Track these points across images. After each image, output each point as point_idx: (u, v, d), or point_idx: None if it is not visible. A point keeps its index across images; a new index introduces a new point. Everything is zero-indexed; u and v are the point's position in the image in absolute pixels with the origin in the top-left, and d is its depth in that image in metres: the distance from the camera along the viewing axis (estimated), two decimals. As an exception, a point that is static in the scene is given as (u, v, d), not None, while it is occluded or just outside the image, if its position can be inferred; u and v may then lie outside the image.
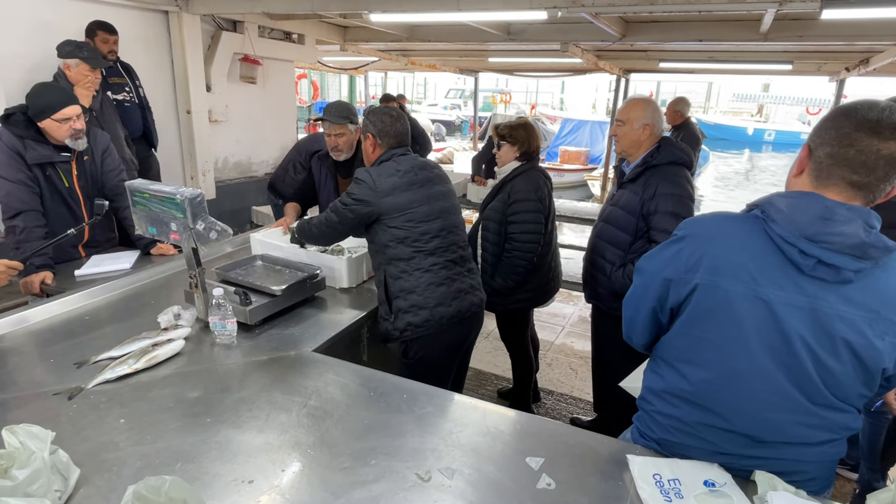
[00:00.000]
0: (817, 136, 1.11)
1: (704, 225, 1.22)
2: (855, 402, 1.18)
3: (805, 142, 1.15)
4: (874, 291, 1.09)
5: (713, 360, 1.20)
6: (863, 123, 1.05)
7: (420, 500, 1.21)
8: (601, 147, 13.80)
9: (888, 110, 1.04)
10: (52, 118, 2.39)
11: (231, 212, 5.29)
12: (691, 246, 1.20)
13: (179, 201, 1.79)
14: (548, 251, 2.79)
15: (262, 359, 1.82)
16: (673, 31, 4.97)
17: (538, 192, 2.64)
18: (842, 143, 1.06)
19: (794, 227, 1.08)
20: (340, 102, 2.94)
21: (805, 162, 1.13)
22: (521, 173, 2.68)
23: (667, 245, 1.27)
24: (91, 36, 3.70)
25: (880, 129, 1.03)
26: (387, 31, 5.94)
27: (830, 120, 1.10)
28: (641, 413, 1.42)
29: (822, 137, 1.10)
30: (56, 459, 1.19)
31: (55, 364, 1.75)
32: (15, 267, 2.08)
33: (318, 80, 21.96)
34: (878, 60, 5.37)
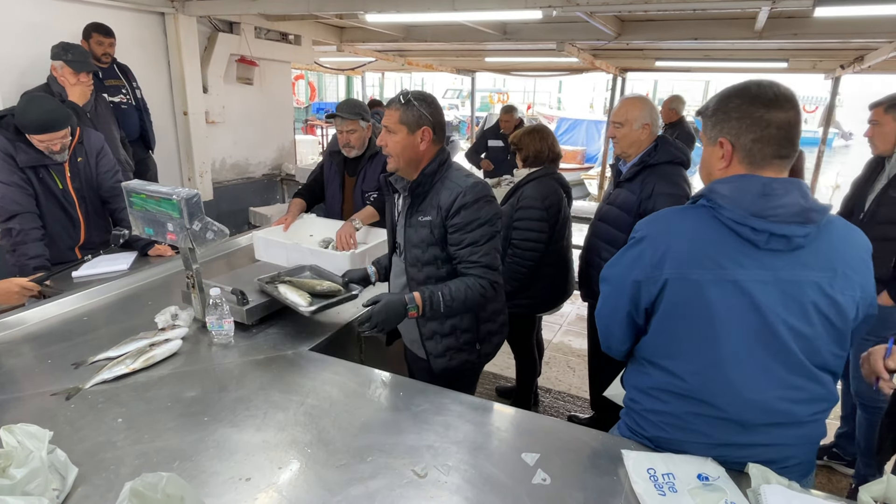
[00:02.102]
0: (731, 129, 1.20)
1: (660, 222, 1.28)
2: (831, 365, 1.24)
3: (718, 139, 1.22)
4: (826, 252, 1.18)
5: (695, 351, 1.24)
6: (768, 104, 1.16)
7: (416, 496, 1.22)
8: (597, 146, 13.84)
9: (773, 86, 1.18)
10: (28, 136, 2.41)
11: (229, 213, 5.29)
12: (653, 244, 1.25)
13: (176, 202, 1.80)
14: (554, 260, 2.75)
15: (260, 358, 1.82)
16: (668, 29, 4.98)
17: (546, 200, 2.61)
18: (762, 127, 1.17)
19: (741, 208, 1.16)
20: (352, 99, 2.98)
21: (730, 155, 1.22)
22: (533, 180, 2.67)
23: (627, 249, 1.30)
24: (87, 38, 3.70)
25: (781, 103, 1.16)
26: (383, 32, 5.94)
27: (736, 111, 1.19)
28: (629, 412, 1.43)
29: (738, 128, 1.19)
30: (54, 458, 1.20)
31: (53, 365, 1.76)
32: (30, 288, 2.11)
33: (316, 81, 21.94)
34: (872, 58, 5.39)
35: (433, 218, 1.80)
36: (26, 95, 2.58)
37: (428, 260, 1.85)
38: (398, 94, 1.80)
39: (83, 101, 3.26)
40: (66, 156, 2.54)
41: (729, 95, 1.23)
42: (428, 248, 1.83)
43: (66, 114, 2.48)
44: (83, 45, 3.70)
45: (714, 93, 1.34)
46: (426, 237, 1.82)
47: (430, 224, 1.81)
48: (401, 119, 1.77)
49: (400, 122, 1.77)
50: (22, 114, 2.38)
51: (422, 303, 1.71)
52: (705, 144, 1.28)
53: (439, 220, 1.79)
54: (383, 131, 1.80)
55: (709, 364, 1.22)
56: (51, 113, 2.41)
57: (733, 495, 1.17)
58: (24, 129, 2.39)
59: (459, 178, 1.82)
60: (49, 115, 2.40)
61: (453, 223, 1.77)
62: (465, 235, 1.76)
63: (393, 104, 1.79)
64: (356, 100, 3.02)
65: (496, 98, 24.12)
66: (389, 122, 1.78)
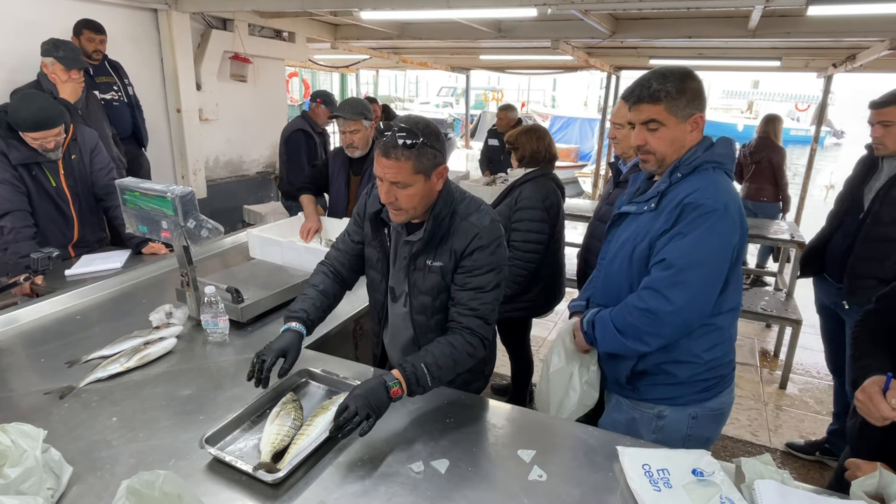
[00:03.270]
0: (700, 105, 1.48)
1: (723, 191, 1.46)
2: None
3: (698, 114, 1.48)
4: None
5: (734, 291, 1.54)
6: (697, 79, 1.48)
7: (413, 493, 1.22)
8: (591, 144, 13.87)
9: (686, 67, 1.51)
10: (22, 133, 2.39)
11: (223, 211, 5.26)
12: (730, 210, 1.43)
13: (170, 199, 1.79)
14: (552, 261, 2.73)
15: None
16: (663, 28, 4.99)
17: (546, 200, 2.58)
18: (705, 107, 1.51)
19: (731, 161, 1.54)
20: (353, 98, 2.93)
21: (702, 126, 1.51)
22: (531, 180, 2.62)
23: (714, 224, 1.41)
24: (77, 34, 3.66)
25: (698, 76, 1.50)
26: (378, 29, 5.92)
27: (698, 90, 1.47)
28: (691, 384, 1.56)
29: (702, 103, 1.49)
30: (48, 458, 1.19)
31: (46, 363, 1.75)
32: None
33: (310, 79, 21.86)
34: (864, 57, 5.42)
35: (445, 263, 1.57)
36: (18, 93, 2.55)
37: (439, 308, 1.63)
38: (393, 134, 1.41)
39: (74, 98, 3.24)
40: (60, 153, 2.52)
41: (684, 78, 1.45)
42: (439, 294, 1.61)
43: (60, 111, 2.46)
44: (74, 41, 3.66)
45: (708, 91, 1.54)
46: (438, 283, 1.60)
47: (442, 270, 1.58)
48: (415, 169, 1.43)
49: (415, 172, 1.44)
50: (15, 112, 2.36)
51: (405, 379, 1.40)
52: (674, 123, 1.46)
53: (452, 264, 1.57)
54: (388, 185, 1.46)
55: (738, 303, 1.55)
56: (45, 111, 2.39)
57: (728, 490, 1.17)
58: (18, 127, 2.37)
59: (472, 212, 1.58)
60: (43, 113, 2.38)
61: (464, 264, 1.56)
62: (471, 279, 1.55)
63: (396, 151, 1.40)
64: (358, 98, 2.98)
65: (491, 96, 24.11)
66: (401, 175, 1.43)
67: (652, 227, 1.50)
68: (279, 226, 2.90)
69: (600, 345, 1.60)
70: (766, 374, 3.86)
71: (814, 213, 8.67)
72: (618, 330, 1.52)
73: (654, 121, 1.47)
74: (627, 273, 1.57)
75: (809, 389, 3.66)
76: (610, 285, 1.64)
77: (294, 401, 1.48)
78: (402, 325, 1.72)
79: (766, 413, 3.38)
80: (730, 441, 3.07)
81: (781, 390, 3.65)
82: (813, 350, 4.10)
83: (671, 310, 1.43)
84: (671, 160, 1.51)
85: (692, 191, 1.44)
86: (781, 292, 4.07)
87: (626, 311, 1.51)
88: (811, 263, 2.72)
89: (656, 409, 1.60)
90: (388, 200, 1.49)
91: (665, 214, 1.47)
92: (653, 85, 1.45)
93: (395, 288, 1.70)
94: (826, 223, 2.67)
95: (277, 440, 1.31)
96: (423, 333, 1.67)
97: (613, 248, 1.64)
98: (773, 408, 3.44)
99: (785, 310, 3.70)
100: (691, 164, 1.48)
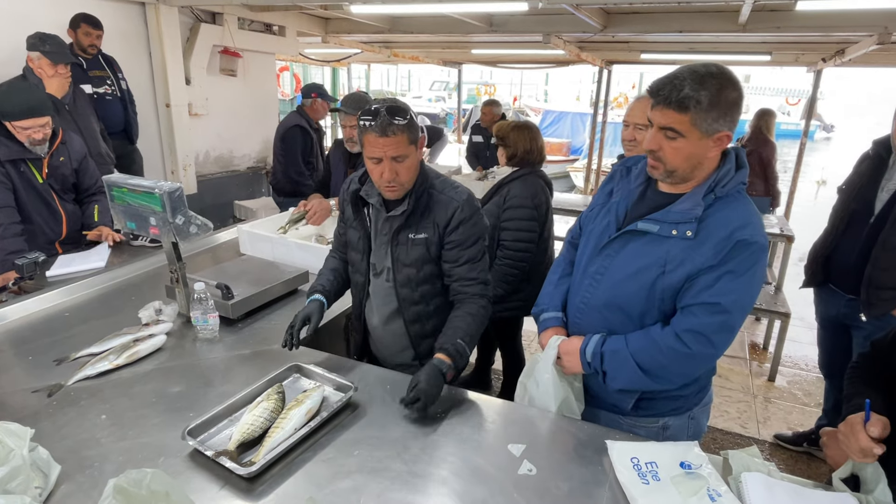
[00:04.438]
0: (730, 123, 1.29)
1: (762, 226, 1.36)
2: None
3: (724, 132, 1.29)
4: None
5: None
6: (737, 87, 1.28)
7: (403, 488, 1.23)
8: (582, 138, 13.89)
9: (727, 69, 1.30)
10: (11, 123, 2.36)
11: (213, 206, 5.22)
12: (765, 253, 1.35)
13: (158, 195, 1.77)
14: (543, 259, 2.69)
15: (245, 353, 1.81)
16: (654, 22, 5.00)
17: (535, 198, 2.54)
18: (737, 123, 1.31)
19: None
20: (357, 93, 2.96)
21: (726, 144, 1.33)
22: (519, 177, 2.58)
23: (762, 263, 1.33)
24: (74, 27, 3.65)
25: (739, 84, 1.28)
26: (368, 23, 5.89)
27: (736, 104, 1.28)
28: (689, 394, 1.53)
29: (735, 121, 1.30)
30: (36, 457, 1.19)
31: (34, 361, 1.73)
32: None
33: (301, 73, 21.71)
34: (853, 51, 5.45)
35: (430, 235, 1.67)
36: (5, 83, 2.52)
37: (423, 279, 1.73)
38: (385, 115, 1.51)
39: (61, 93, 3.20)
40: (46, 149, 2.50)
41: (723, 87, 1.25)
42: (423, 265, 1.71)
43: (48, 100, 2.46)
44: (70, 34, 3.68)
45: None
46: (422, 255, 1.69)
47: (427, 242, 1.68)
48: (409, 140, 1.56)
49: (409, 143, 1.56)
50: (3, 100, 2.33)
51: (450, 357, 1.55)
52: (696, 137, 1.28)
53: (437, 237, 1.67)
54: (389, 163, 1.55)
55: None
56: (34, 99, 2.39)
57: (715, 483, 1.19)
58: (7, 116, 2.34)
59: (447, 188, 1.71)
60: (34, 99, 2.38)
61: (451, 240, 1.67)
62: (462, 252, 1.68)
63: (393, 127, 1.51)
64: (361, 94, 2.97)
65: (483, 90, 24.05)
66: (400, 148, 1.54)
67: (689, 257, 1.33)
68: (270, 221, 2.89)
69: (612, 381, 1.44)
70: (756, 367, 3.90)
71: (804, 208, 8.75)
72: (642, 369, 1.38)
73: (673, 129, 1.29)
74: (645, 301, 1.40)
75: (798, 382, 3.70)
76: (615, 311, 1.46)
77: (278, 392, 1.48)
78: (384, 299, 1.81)
79: (755, 405, 3.42)
80: (719, 433, 3.10)
81: (770, 383, 3.68)
82: (802, 343, 4.14)
83: (711, 353, 1.35)
84: (682, 174, 1.35)
85: (741, 224, 1.30)
86: (771, 285, 4.10)
87: (657, 351, 1.36)
88: (817, 273, 2.50)
89: (661, 421, 1.53)
90: (390, 178, 1.57)
91: (711, 247, 1.30)
92: (685, 88, 1.25)
93: (377, 264, 1.78)
94: (829, 227, 2.45)
95: (248, 430, 1.33)
96: (408, 306, 1.77)
97: (624, 269, 1.43)
98: (762, 400, 3.48)
99: (774, 303, 3.74)
100: (726, 187, 1.34)
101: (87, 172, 2.73)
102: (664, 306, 1.39)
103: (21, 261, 2.18)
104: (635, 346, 1.39)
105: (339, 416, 1.47)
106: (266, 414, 1.38)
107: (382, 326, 1.85)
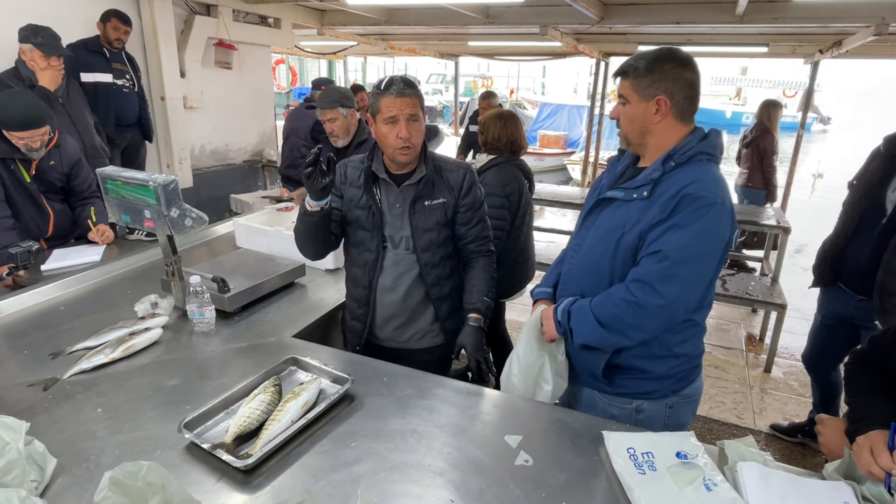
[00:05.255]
0: (667, 88, 1.41)
1: (720, 185, 1.41)
2: None
3: (661, 96, 1.41)
4: None
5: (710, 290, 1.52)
6: (691, 68, 1.42)
7: (400, 479, 1.23)
8: (579, 131, 13.87)
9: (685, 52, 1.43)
10: (9, 133, 2.35)
11: (209, 200, 5.20)
12: (726, 205, 1.40)
13: (152, 188, 1.76)
14: (515, 246, 2.74)
15: (242, 346, 1.81)
16: (651, 13, 4.98)
17: (507, 187, 2.59)
18: (689, 87, 1.42)
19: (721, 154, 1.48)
20: (332, 87, 2.97)
21: (666, 110, 1.42)
22: (494, 166, 2.64)
23: (713, 218, 1.36)
24: (105, 21, 3.83)
25: (695, 67, 1.43)
26: (365, 15, 5.85)
27: (671, 72, 1.40)
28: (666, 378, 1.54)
29: (673, 87, 1.41)
30: (32, 450, 1.18)
31: (29, 355, 1.73)
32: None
33: (297, 66, 21.61)
34: (850, 43, 5.44)
35: (447, 199, 1.82)
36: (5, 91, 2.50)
37: (442, 241, 1.85)
38: (399, 80, 1.68)
39: (54, 85, 3.18)
40: (42, 153, 2.48)
41: (660, 58, 1.42)
42: (441, 229, 1.84)
43: (47, 110, 2.44)
44: (98, 27, 3.85)
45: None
46: (440, 219, 1.82)
47: (444, 206, 1.82)
48: (420, 105, 1.73)
49: (420, 108, 1.73)
50: (2, 111, 2.31)
51: (482, 315, 1.84)
52: (635, 101, 1.44)
53: (453, 200, 1.83)
54: (405, 122, 1.67)
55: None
56: (33, 110, 2.36)
57: (711, 472, 1.19)
58: (5, 126, 2.33)
59: (447, 159, 1.90)
60: (32, 112, 2.35)
61: (465, 202, 1.84)
62: (475, 213, 1.87)
63: (408, 90, 1.68)
64: (336, 87, 2.98)
65: (480, 83, 23.97)
66: (416, 109, 1.70)
67: (643, 216, 1.41)
68: (266, 214, 2.88)
69: (576, 336, 1.51)
70: (752, 358, 3.92)
71: (800, 201, 8.75)
72: (599, 322, 1.45)
73: (621, 96, 1.48)
74: (610, 263, 1.48)
75: (794, 373, 3.72)
76: (587, 274, 1.56)
77: (275, 385, 1.48)
78: (404, 268, 1.86)
79: (751, 396, 3.43)
80: (715, 424, 3.12)
81: (766, 374, 3.70)
82: (797, 334, 4.16)
83: (660, 304, 1.37)
84: (634, 139, 1.49)
85: (690, 181, 1.37)
86: (767, 277, 4.11)
87: (610, 303, 1.44)
88: (825, 273, 2.47)
89: (634, 403, 1.57)
90: (407, 135, 1.68)
91: (660, 204, 1.38)
92: (630, 61, 1.46)
93: (394, 236, 1.84)
94: (839, 227, 2.41)
95: (244, 423, 1.34)
96: (429, 270, 1.86)
97: (594, 235, 1.54)
98: (758, 391, 3.50)
99: (770, 294, 3.75)
100: (686, 154, 1.41)
101: (78, 176, 2.71)
102: (626, 266, 1.47)
103: (15, 249, 2.17)
104: (595, 301, 1.49)
105: (336, 409, 1.47)
106: (263, 406, 1.38)
107: (402, 298, 1.87)
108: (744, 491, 1.14)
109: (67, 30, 3.41)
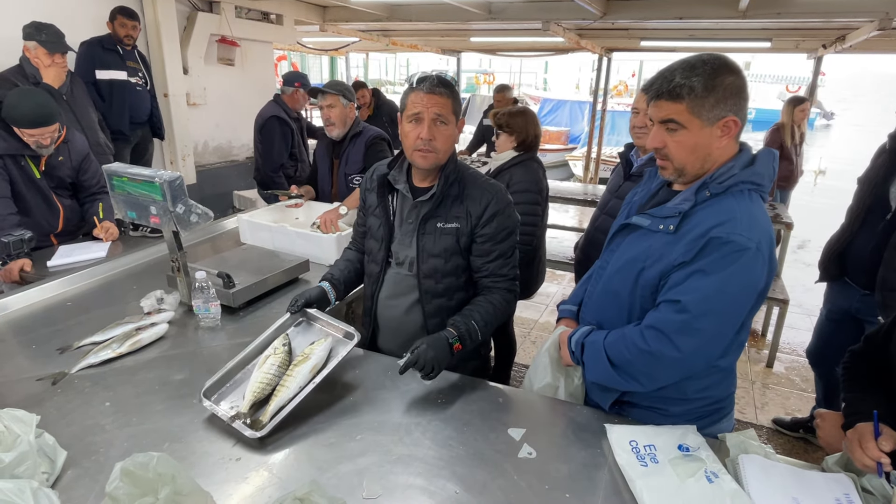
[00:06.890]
0: (734, 105, 1.21)
1: (759, 227, 1.22)
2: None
3: (730, 117, 1.22)
4: None
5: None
6: (740, 73, 1.22)
7: (405, 471, 1.24)
8: (581, 127, 13.85)
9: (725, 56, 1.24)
10: (20, 130, 2.37)
11: (213, 196, 5.22)
12: (763, 250, 1.21)
13: (158, 184, 1.78)
14: (540, 244, 2.73)
15: (247, 340, 1.80)
16: (653, 9, 4.97)
17: (538, 183, 2.56)
18: (748, 101, 1.24)
19: (770, 183, 1.28)
20: (338, 80, 3.05)
21: (736, 131, 1.25)
22: (520, 163, 2.60)
23: (743, 266, 1.19)
24: (112, 20, 3.87)
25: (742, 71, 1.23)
26: (367, 11, 5.85)
27: (732, 86, 1.20)
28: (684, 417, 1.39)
29: (740, 103, 1.22)
30: (42, 443, 1.20)
31: (37, 350, 1.75)
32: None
33: (299, 62, 21.57)
34: (854, 37, 5.43)
35: (461, 226, 1.62)
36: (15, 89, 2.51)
37: (449, 271, 1.66)
38: (434, 77, 1.54)
39: (58, 83, 3.19)
40: (51, 150, 2.50)
41: (716, 71, 1.19)
42: (451, 257, 1.65)
43: (57, 108, 2.45)
44: (108, 27, 3.89)
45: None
46: (450, 246, 1.63)
47: (457, 232, 1.62)
48: (452, 108, 1.55)
49: (452, 111, 1.55)
50: (13, 108, 2.34)
51: (458, 334, 1.54)
52: (696, 127, 1.21)
53: (468, 228, 1.62)
54: (429, 123, 1.52)
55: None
56: (44, 107, 2.39)
57: (712, 464, 1.21)
58: (16, 123, 2.35)
59: (479, 178, 1.66)
60: (43, 110, 2.38)
61: (484, 233, 1.62)
62: (495, 246, 1.64)
63: (440, 89, 1.52)
64: (342, 82, 3.05)
65: (482, 79, 23.93)
66: (444, 109, 1.53)
67: (667, 252, 1.26)
68: (270, 211, 2.89)
69: (588, 373, 1.43)
70: (754, 353, 3.92)
71: (802, 197, 8.73)
72: (611, 363, 1.34)
73: (673, 121, 1.22)
74: (629, 295, 1.36)
75: (796, 368, 3.72)
76: (607, 304, 1.44)
77: (284, 345, 1.53)
78: (402, 290, 1.74)
79: (753, 391, 3.44)
80: (717, 419, 3.13)
81: (768, 369, 3.71)
82: (799, 329, 4.17)
83: (676, 357, 1.24)
84: (692, 170, 1.27)
85: (722, 221, 1.19)
86: (769, 273, 4.11)
87: (623, 346, 1.32)
88: (831, 268, 2.47)
89: None
90: (427, 136, 1.53)
91: (686, 243, 1.23)
92: (675, 78, 1.20)
93: (399, 253, 1.72)
94: (846, 222, 2.42)
95: (258, 389, 1.40)
96: (430, 299, 1.70)
97: (617, 261, 1.41)
98: (760, 386, 3.51)
99: (773, 290, 3.75)
100: (724, 183, 1.23)
101: (88, 171, 2.73)
102: (645, 303, 1.34)
103: (7, 238, 2.18)
104: (609, 339, 1.37)
105: (343, 395, 1.49)
106: (274, 370, 1.45)
107: (399, 319, 1.77)
108: (745, 483, 1.15)
109: (72, 28, 3.42)
